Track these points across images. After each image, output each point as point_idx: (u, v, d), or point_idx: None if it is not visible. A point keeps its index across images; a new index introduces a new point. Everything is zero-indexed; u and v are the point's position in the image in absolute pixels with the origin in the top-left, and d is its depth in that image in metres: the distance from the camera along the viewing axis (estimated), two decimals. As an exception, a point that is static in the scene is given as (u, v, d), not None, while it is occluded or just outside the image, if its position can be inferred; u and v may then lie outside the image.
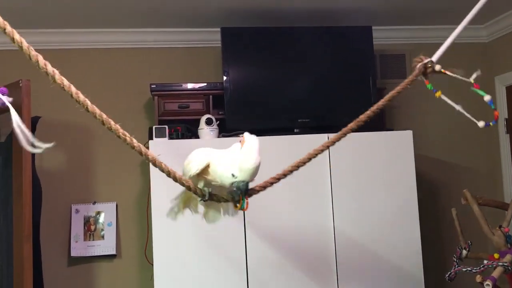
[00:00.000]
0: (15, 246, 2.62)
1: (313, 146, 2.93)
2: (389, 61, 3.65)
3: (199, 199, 1.47)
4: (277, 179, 1.53)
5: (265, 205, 2.79)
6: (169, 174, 1.36)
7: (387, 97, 1.69)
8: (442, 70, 1.76)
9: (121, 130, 1.27)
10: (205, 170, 1.40)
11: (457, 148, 3.68)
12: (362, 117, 1.66)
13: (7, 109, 2.79)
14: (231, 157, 1.34)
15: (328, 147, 1.67)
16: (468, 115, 1.70)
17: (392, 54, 3.65)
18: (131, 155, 3.29)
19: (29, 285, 2.53)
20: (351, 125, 1.66)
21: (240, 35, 3.15)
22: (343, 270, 2.83)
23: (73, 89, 1.17)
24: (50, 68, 1.14)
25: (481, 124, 1.69)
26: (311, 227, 2.85)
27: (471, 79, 1.68)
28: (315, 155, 1.62)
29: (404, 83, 1.71)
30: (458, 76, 1.77)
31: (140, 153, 1.29)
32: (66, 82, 1.16)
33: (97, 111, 1.22)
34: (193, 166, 1.42)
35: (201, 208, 1.63)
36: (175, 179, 1.38)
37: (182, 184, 1.40)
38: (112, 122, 1.25)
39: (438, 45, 1.84)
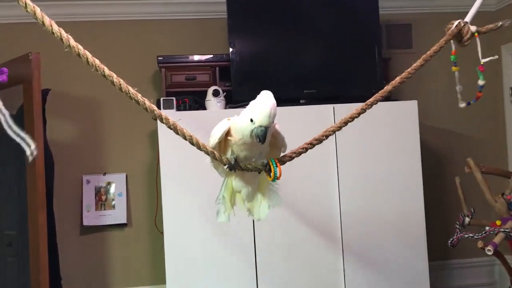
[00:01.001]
0: (30, 215, 2.71)
1: (319, 116, 2.99)
2: (395, 31, 3.64)
3: (225, 167, 1.38)
4: (310, 144, 1.45)
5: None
6: (191, 139, 1.33)
7: (420, 60, 1.57)
8: (480, 29, 1.71)
9: (139, 95, 1.24)
10: (228, 133, 1.35)
11: (462, 117, 3.70)
12: (397, 79, 1.55)
13: (18, 82, 2.84)
14: (249, 109, 1.32)
15: (359, 114, 1.56)
16: (459, 96, 1.73)
17: (398, 24, 3.64)
18: (140, 126, 3.37)
19: (44, 252, 2.63)
20: (388, 87, 1.55)
21: (246, 6, 3.16)
22: (348, 239, 2.90)
23: (88, 54, 1.17)
24: (64, 33, 1.15)
25: (462, 105, 1.74)
26: (318, 195, 2.90)
27: (482, 61, 1.68)
28: (350, 120, 1.56)
29: (438, 45, 1.59)
30: (504, 24, 1.72)
31: (160, 118, 1.27)
32: (81, 47, 1.17)
33: (114, 75, 1.21)
34: (215, 132, 1.36)
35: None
36: (198, 146, 1.33)
37: (205, 152, 1.35)
38: (130, 88, 1.23)
39: (444, 14, 1.85)
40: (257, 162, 1.39)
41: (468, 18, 1.71)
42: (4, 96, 3.11)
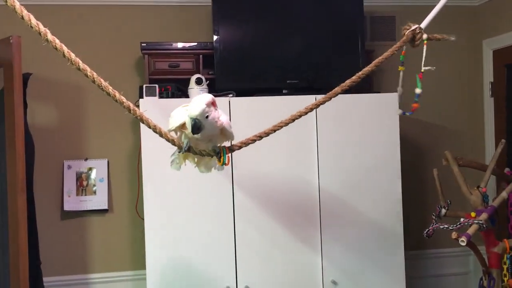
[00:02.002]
0: (9, 199, 2.70)
1: (301, 107, 3.00)
2: (379, 23, 3.67)
3: (178, 151, 1.68)
4: (259, 137, 1.64)
5: (253, 161, 2.88)
6: (155, 129, 1.54)
7: (373, 63, 1.77)
8: (430, 37, 1.84)
9: (110, 88, 1.34)
10: (184, 125, 1.61)
11: (441, 110, 3.76)
12: (347, 82, 1.74)
13: (-2, 66, 2.80)
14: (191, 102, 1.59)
15: (312, 109, 1.77)
16: (398, 99, 1.87)
17: (382, 16, 3.67)
18: (122, 113, 3.33)
19: (24, 236, 2.63)
20: (337, 89, 1.74)
21: (230, -6, 3.15)
22: (327, 227, 2.95)
23: (65, 48, 1.22)
24: (42, 27, 1.18)
25: (398, 112, 1.91)
26: (297, 183, 2.94)
27: (423, 69, 1.83)
28: (298, 116, 1.72)
29: (391, 50, 1.79)
30: (449, 38, 1.85)
31: (129, 109, 1.38)
32: (57, 41, 1.21)
33: (88, 69, 1.27)
34: (171, 122, 1.65)
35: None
36: (161, 134, 1.56)
37: (167, 139, 1.60)
38: (103, 80, 1.31)
39: (429, 7, 1.89)
40: (208, 147, 1.67)
41: (423, 24, 1.86)
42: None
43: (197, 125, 1.52)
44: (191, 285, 2.84)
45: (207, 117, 1.53)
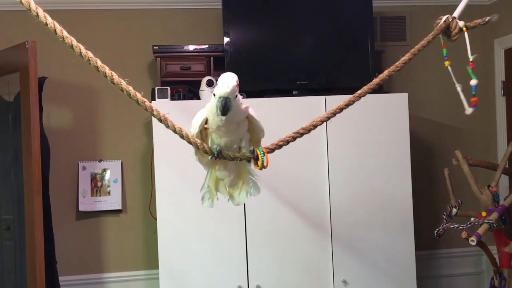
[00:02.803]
0: (26, 200, 2.77)
1: (311, 108, 3.05)
2: (389, 23, 3.67)
3: (209, 157, 1.45)
4: (299, 133, 1.53)
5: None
6: (175, 130, 1.39)
7: (409, 54, 1.60)
8: (467, 25, 1.71)
9: (131, 88, 1.29)
10: (206, 123, 1.43)
11: (452, 109, 3.74)
12: (386, 72, 1.63)
13: (15, 70, 2.89)
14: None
15: (347, 105, 1.63)
16: (463, 98, 1.71)
17: (392, 16, 3.67)
18: (135, 114, 3.42)
19: (40, 236, 2.69)
20: (376, 80, 1.63)
21: (241, -3, 3.19)
22: (337, 228, 2.96)
23: (82, 47, 1.22)
24: (58, 25, 1.19)
25: (468, 111, 1.70)
26: (308, 183, 2.96)
27: (471, 58, 1.68)
28: (339, 110, 1.61)
29: (426, 39, 1.63)
30: (491, 19, 1.70)
31: (152, 112, 1.33)
32: (74, 41, 1.22)
33: (107, 69, 1.27)
34: (194, 121, 1.44)
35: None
36: (182, 136, 1.39)
37: (189, 142, 1.42)
38: (123, 82, 1.28)
39: (439, 7, 1.85)
40: (242, 151, 1.46)
41: (456, 13, 1.73)
42: (1, 83, 3.17)
43: (228, 104, 1.31)
44: (203, 284, 2.88)
45: (236, 96, 1.35)
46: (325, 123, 1.62)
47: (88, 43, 3.61)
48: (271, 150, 1.49)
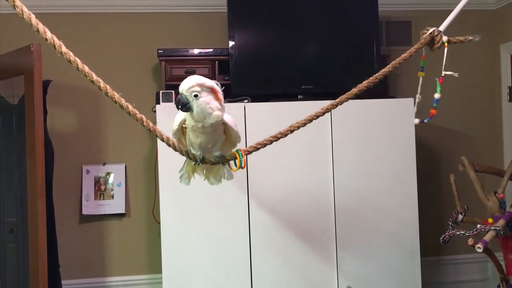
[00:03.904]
0: (29, 203, 2.76)
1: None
2: (395, 28, 3.67)
3: (193, 163, 1.58)
4: (276, 138, 1.61)
5: (267, 169, 2.89)
6: (168, 142, 1.53)
7: (389, 65, 1.73)
8: (450, 39, 1.78)
9: (123, 101, 1.36)
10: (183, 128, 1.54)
11: (458, 115, 3.73)
12: (365, 83, 1.70)
13: (20, 73, 2.89)
14: None
15: (328, 110, 1.72)
16: (415, 110, 1.91)
17: (397, 21, 3.66)
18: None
19: (43, 239, 2.68)
20: (353, 90, 1.70)
21: (246, 1, 3.18)
22: (342, 233, 2.94)
23: (78, 61, 1.26)
24: (57, 40, 1.21)
25: (415, 121, 1.87)
26: (312, 190, 2.94)
27: (443, 73, 1.77)
28: (315, 117, 1.67)
29: (408, 52, 1.72)
30: (473, 39, 1.78)
31: (142, 123, 1.44)
32: (72, 54, 1.24)
33: (102, 82, 1.30)
34: (175, 120, 1.58)
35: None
36: (169, 145, 1.53)
37: (179, 151, 1.56)
38: (116, 94, 1.33)
39: (445, 12, 1.86)
40: (212, 150, 1.55)
41: (442, 27, 1.80)
42: (6, 86, 3.17)
43: (181, 100, 1.40)
44: (206, 289, 2.87)
45: (196, 96, 1.39)
46: (329, 130, 1.69)
47: (94, 47, 3.64)
48: (249, 152, 1.62)
